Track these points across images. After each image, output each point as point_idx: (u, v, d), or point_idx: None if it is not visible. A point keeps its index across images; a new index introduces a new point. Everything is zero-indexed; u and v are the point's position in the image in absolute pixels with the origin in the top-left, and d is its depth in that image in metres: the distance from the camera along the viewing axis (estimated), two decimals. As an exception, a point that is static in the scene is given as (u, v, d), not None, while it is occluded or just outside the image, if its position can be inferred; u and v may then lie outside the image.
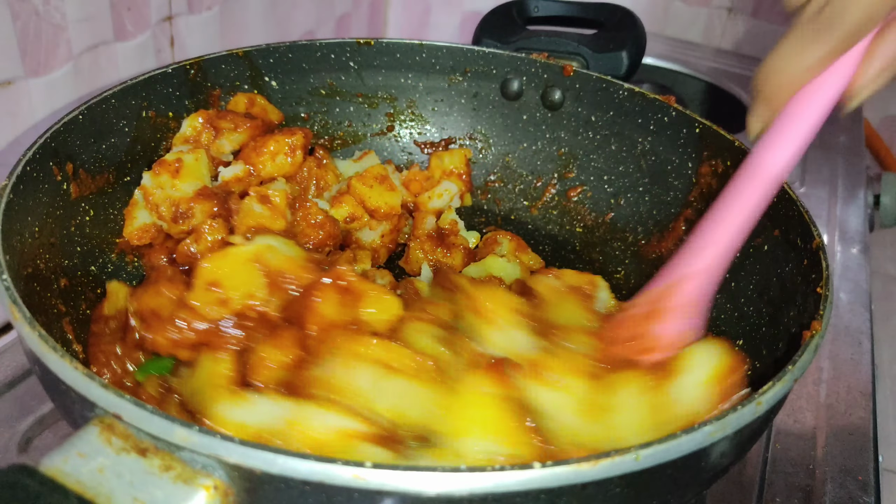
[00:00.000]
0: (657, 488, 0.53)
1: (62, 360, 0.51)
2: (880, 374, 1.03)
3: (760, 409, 0.54)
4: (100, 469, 0.47)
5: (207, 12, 1.24)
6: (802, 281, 0.74)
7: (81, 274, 0.82)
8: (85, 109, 0.82)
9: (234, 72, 1.00)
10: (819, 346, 0.62)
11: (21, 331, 0.55)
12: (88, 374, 0.50)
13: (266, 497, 0.48)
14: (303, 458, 0.46)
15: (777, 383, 0.56)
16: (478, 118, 1.13)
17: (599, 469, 0.48)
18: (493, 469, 0.46)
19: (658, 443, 0.49)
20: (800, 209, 0.78)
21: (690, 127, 0.96)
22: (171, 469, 0.47)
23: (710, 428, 0.51)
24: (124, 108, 0.88)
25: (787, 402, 0.92)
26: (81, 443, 0.48)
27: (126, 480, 0.46)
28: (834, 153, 1.49)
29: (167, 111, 0.95)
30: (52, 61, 0.99)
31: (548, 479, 0.47)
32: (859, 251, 1.21)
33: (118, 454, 0.48)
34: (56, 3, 0.96)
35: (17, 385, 0.88)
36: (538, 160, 1.11)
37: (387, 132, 1.13)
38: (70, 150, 0.81)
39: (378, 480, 0.46)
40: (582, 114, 1.07)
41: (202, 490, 0.47)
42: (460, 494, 0.46)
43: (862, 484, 0.83)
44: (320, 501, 0.48)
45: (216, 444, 0.46)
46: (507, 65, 1.09)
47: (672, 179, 0.99)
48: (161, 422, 0.47)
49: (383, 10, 1.86)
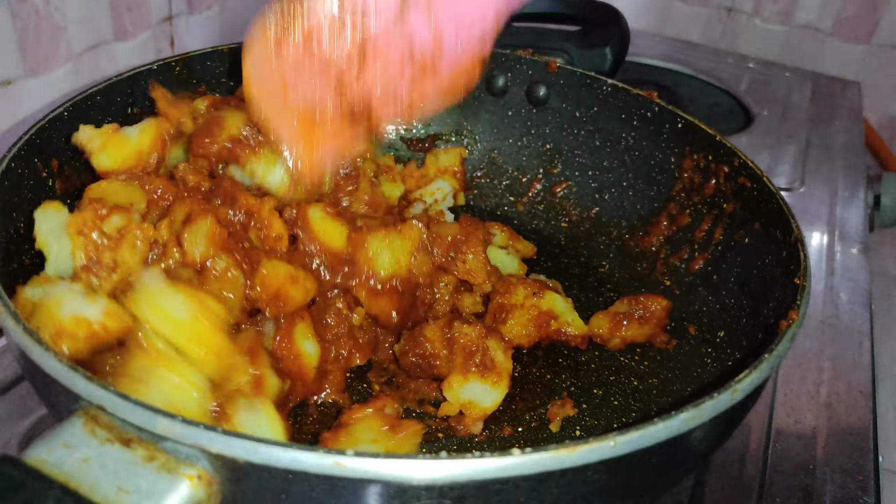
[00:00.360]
0: (637, 474, 0.54)
1: (46, 352, 0.52)
2: (880, 374, 1.02)
3: (737, 396, 0.55)
4: (84, 460, 0.47)
5: (207, 12, 1.24)
6: (782, 273, 0.75)
7: (67, 270, 0.82)
8: (70, 106, 0.82)
9: (219, 68, 1.01)
10: (796, 336, 0.63)
11: (5, 324, 0.55)
12: (72, 367, 0.50)
13: (249, 486, 0.49)
14: (285, 448, 0.47)
15: (753, 371, 0.57)
16: (463, 114, 1.13)
17: (577, 455, 0.48)
18: (473, 456, 0.47)
19: (635, 429, 0.50)
20: (779, 203, 0.79)
21: (673, 122, 0.97)
22: (155, 459, 0.48)
23: (686, 415, 0.52)
24: (109, 105, 0.88)
25: (787, 402, 0.92)
26: (66, 434, 0.48)
27: (110, 471, 0.47)
28: (834, 153, 1.48)
29: (152, 108, 0.95)
30: (52, 61, 0.99)
31: (527, 465, 0.48)
32: (859, 251, 1.20)
33: (102, 445, 0.48)
34: (56, 3, 0.96)
35: (17, 385, 0.88)
36: (523, 156, 1.12)
37: (373, 129, 1.14)
38: (55, 147, 0.81)
39: (359, 468, 0.46)
40: (566, 110, 1.08)
41: (186, 479, 0.47)
42: (442, 482, 0.47)
43: (862, 484, 0.83)
44: (303, 490, 0.48)
45: (198, 434, 0.47)
46: (493, 61, 1.09)
47: (655, 174, 1.00)
48: (144, 412, 0.48)
49: None
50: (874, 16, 1.84)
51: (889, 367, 1.68)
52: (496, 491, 0.49)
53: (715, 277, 0.88)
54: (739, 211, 0.87)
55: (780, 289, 0.75)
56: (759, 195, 0.84)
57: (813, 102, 1.67)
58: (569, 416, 0.80)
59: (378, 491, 0.48)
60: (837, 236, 1.24)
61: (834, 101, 1.68)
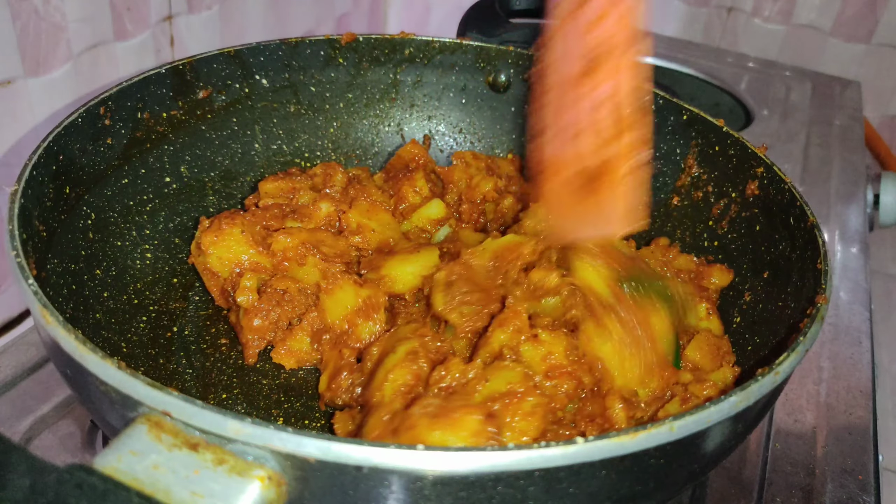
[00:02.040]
0: (687, 458, 0.56)
1: (104, 361, 0.51)
2: (880, 374, 1.04)
3: (778, 378, 0.57)
4: (155, 466, 0.47)
5: (207, 12, 1.23)
6: (798, 258, 0.78)
7: (88, 278, 0.81)
8: (84, 112, 0.82)
9: (225, 70, 1.00)
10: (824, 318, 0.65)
11: (56, 335, 0.54)
12: (133, 374, 0.50)
13: (319, 484, 0.49)
14: (357, 444, 0.47)
15: (791, 354, 0.59)
16: (467, 111, 1.14)
17: (638, 441, 0.50)
18: (540, 446, 0.48)
19: (690, 414, 0.52)
20: (792, 190, 0.82)
21: (678, 114, 0.99)
22: (224, 462, 0.48)
23: (735, 398, 0.54)
24: (121, 110, 0.88)
25: (787, 402, 0.94)
26: (132, 441, 0.48)
27: (182, 476, 0.47)
28: (834, 153, 1.50)
29: (161, 112, 0.94)
30: (52, 61, 0.98)
31: (591, 452, 0.49)
32: (859, 251, 1.22)
33: (170, 451, 0.48)
34: (56, 3, 0.95)
35: (17, 385, 0.88)
36: (527, 152, 1.13)
37: (376, 126, 1.14)
38: (71, 154, 0.80)
39: (430, 463, 0.47)
40: (569, 104, 1.09)
41: (257, 481, 0.48)
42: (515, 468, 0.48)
43: (862, 484, 0.84)
44: (373, 485, 0.49)
45: (270, 435, 0.47)
46: (495, 58, 1.10)
47: (661, 166, 1.02)
48: (213, 416, 0.48)
49: (383, 9, 1.86)
50: (874, 16, 1.86)
51: (889, 367, 1.69)
52: (559, 479, 0.50)
53: (726, 265, 0.90)
54: (749, 199, 0.90)
55: (797, 274, 0.77)
56: (769, 183, 0.86)
57: (813, 102, 1.69)
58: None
59: (455, 485, 0.49)
60: (837, 236, 1.26)
61: (834, 100, 1.71)
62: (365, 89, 1.11)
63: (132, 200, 0.91)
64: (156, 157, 0.94)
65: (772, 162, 0.87)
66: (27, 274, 0.59)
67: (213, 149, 1.02)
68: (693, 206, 0.98)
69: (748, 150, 0.90)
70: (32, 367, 0.91)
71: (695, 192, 0.98)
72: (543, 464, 0.48)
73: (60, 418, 0.86)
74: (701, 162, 0.97)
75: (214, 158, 1.02)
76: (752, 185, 0.89)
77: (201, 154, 1.01)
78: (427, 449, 0.47)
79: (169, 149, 0.96)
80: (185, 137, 0.98)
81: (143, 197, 0.93)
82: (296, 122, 1.09)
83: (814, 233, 0.75)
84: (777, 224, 0.83)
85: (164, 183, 0.95)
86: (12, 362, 0.90)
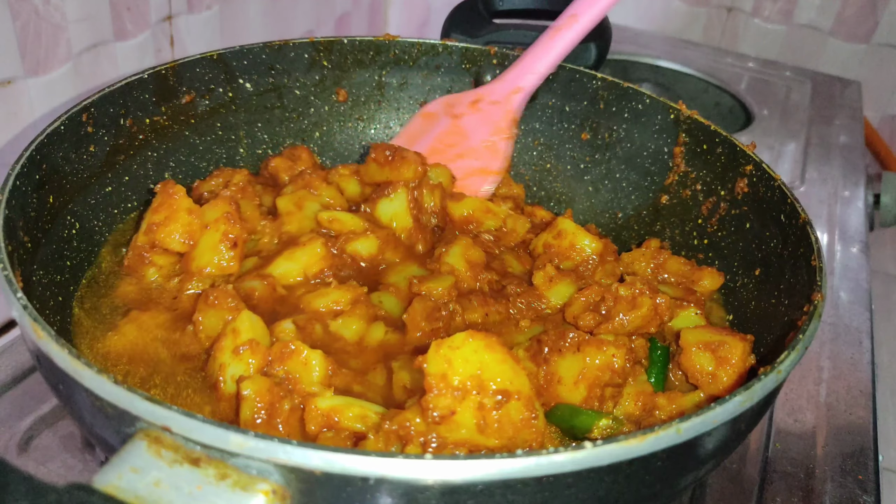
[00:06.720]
0: (691, 459, 0.56)
1: (100, 375, 0.50)
2: (880, 374, 1.05)
3: (781, 376, 0.57)
4: (156, 483, 0.46)
5: (207, 12, 1.22)
6: (790, 255, 0.78)
7: (73, 289, 0.80)
8: (66, 120, 0.80)
9: (208, 75, 0.99)
10: (822, 315, 0.65)
11: (48, 350, 0.53)
12: (131, 389, 0.49)
13: (324, 496, 0.48)
14: (363, 455, 0.46)
15: (792, 352, 0.59)
16: (453, 113, 1.13)
17: (646, 444, 0.50)
18: (548, 452, 0.48)
19: (696, 415, 0.52)
20: (782, 187, 0.82)
21: (665, 113, 0.99)
22: (227, 477, 0.47)
23: (739, 398, 0.54)
24: (103, 116, 0.86)
25: (787, 402, 0.94)
26: (131, 458, 0.47)
27: (185, 492, 0.46)
28: (834, 153, 1.51)
29: (144, 118, 0.93)
30: (52, 61, 0.97)
31: (601, 457, 0.48)
32: (859, 251, 1.22)
33: (171, 466, 0.47)
34: (56, 3, 0.94)
35: (17, 385, 0.87)
36: (514, 152, 1.13)
37: (362, 129, 1.13)
38: (54, 162, 0.78)
39: (437, 473, 0.46)
40: (556, 105, 1.09)
41: (261, 495, 0.47)
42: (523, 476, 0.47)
43: (862, 483, 0.84)
44: (380, 496, 0.48)
45: (274, 448, 0.46)
46: (480, 59, 1.10)
47: (649, 165, 1.02)
48: (214, 430, 0.47)
49: (383, 10, 1.84)
50: (874, 16, 1.87)
51: (889, 367, 1.70)
52: (567, 485, 0.50)
53: (717, 263, 0.91)
54: (739, 197, 0.90)
55: (791, 271, 0.77)
56: (758, 181, 0.86)
57: (813, 102, 1.70)
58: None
59: (460, 496, 0.48)
60: (837, 236, 1.26)
61: (834, 100, 1.72)
62: (350, 92, 1.10)
63: (116, 209, 0.89)
64: (139, 164, 0.93)
65: (760, 160, 0.87)
66: (15, 287, 0.58)
67: (198, 154, 1.00)
68: (682, 205, 0.98)
69: (736, 147, 0.90)
70: (32, 366, 0.90)
71: (683, 191, 0.98)
72: (552, 470, 0.48)
73: (60, 418, 0.85)
74: (689, 160, 0.98)
75: (199, 164, 1.01)
76: (741, 183, 0.89)
77: (185, 160, 0.99)
78: (434, 458, 0.47)
79: (153, 155, 0.95)
80: (168, 143, 0.96)
81: (127, 205, 0.91)
82: (280, 126, 1.08)
83: (806, 230, 0.75)
84: (768, 221, 0.84)
85: (149, 190, 0.93)
86: (12, 362, 0.90)
